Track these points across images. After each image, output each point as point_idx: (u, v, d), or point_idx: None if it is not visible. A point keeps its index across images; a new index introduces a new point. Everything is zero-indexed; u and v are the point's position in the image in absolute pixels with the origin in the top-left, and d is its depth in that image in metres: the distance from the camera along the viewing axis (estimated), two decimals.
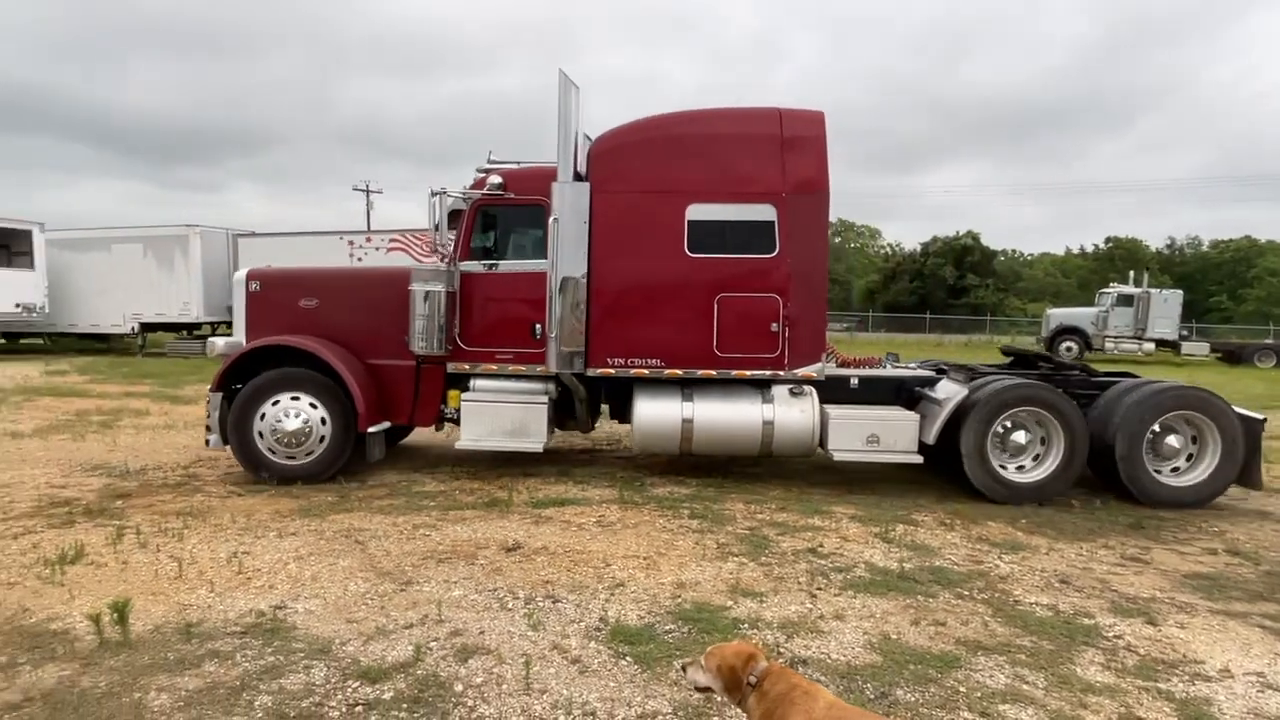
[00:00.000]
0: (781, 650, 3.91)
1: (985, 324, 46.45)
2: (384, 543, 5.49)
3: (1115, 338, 28.08)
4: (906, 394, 7.52)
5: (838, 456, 7.11)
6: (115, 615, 4.01)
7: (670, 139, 7.22)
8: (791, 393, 7.17)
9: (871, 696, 3.48)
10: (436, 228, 7.14)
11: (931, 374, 7.68)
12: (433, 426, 7.74)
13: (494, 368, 7.37)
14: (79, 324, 23.17)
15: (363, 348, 7.49)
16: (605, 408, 7.84)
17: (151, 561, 5.07)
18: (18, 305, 21.37)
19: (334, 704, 3.36)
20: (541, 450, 7.27)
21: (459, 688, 3.50)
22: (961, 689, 3.55)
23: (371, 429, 7.19)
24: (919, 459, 7.08)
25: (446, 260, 7.32)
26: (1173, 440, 6.88)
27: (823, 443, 7.17)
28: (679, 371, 7.17)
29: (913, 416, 7.16)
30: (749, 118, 7.27)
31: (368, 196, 47.44)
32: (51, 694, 3.42)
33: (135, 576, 4.81)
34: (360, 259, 20.09)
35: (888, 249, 76.42)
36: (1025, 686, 3.59)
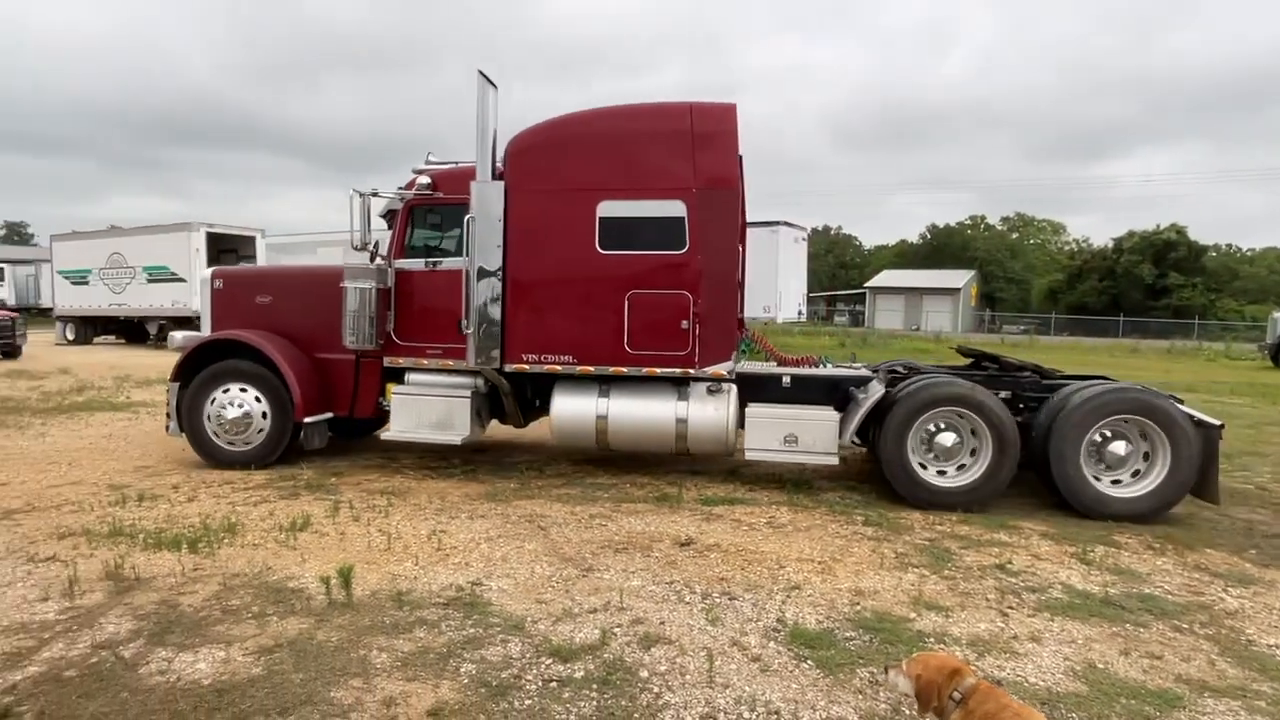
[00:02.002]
0: (973, 669, 3.72)
1: (1192, 328, 41.42)
2: (564, 530, 5.78)
3: None
4: (841, 394, 7.15)
5: (751, 455, 6.93)
6: (341, 579, 4.52)
7: (581, 136, 7.18)
8: (709, 390, 7.02)
9: None
10: (361, 227, 7.36)
11: (867, 374, 7.29)
12: (372, 417, 7.96)
13: (425, 362, 7.54)
14: None
15: (310, 342, 7.85)
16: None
17: (364, 534, 5.65)
18: None
19: (530, 677, 3.60)
20: (460, 443, 7.39)
21: (644, 674, 3.64)
22: None
23: (309, 419, 7.55)
24: (835, 461, 6.86)
25: (374, 258, 7.57)
26: (1118, 447, 6.28)
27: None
28: (591, 368, 7.12)
29: (832, 416, 6.88)
30: (659, 113, 7.13)
31: None
32: (294, 643, 3.91)
33: (352, 546, 5.38)
34: None
35: (1073, 245, 70.15)
36: None
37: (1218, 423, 6.25)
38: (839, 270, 76.73)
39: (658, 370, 7.03)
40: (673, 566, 5.04)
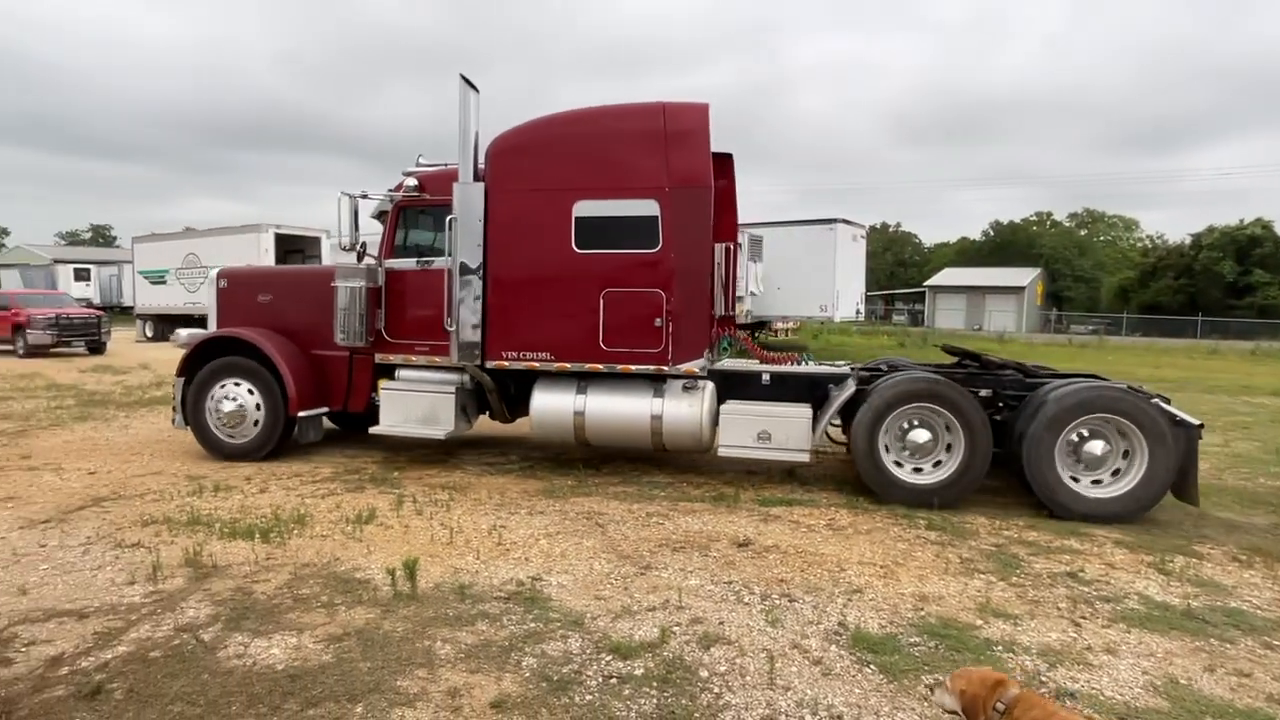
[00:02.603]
0: (1043, 679, 3.61)
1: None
2: (621, 527, 5.81)
3: None
4: (821, 392, 7.09)
5: (724, 452, 6.95)
6: (406, 571, 4.63)
7: (558, 138, 7.24)
8: (685, 388, 7.08)
9: None
10: (349, 228, 7.56)
11: (845, 371, 7.24)
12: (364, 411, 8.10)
13: (414, 359, 7.71)
14: None
15: (307, 339, 8.04)
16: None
17: (427, 527, 5.77)
18: None
19: (591, 673, 3.63)
20: (443, 437, 7.53)
21: (704, 674, 3.63)
22: None
23: (302, 413, 7.74)
24: (807, 458, 6.84)
25: (361, 257, 7.76)
26: (1095, 446, 6.13)
27: None
28: (568, 365, 7.22)
29: (805, 413, 6.85)
30: (633, 114, 7.15)
31: None
32: (362, 631, 4.02)
33: (415, 539, 5.51)
34: None
35: (1146, 241, 67.19)
36: None
37: (1197, 422, 6.08)
38: (897, 268, 75.12)
39: (632, 367, 7.10)
40: (731, 566, 5.01)
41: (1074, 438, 6.18)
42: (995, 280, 53.61)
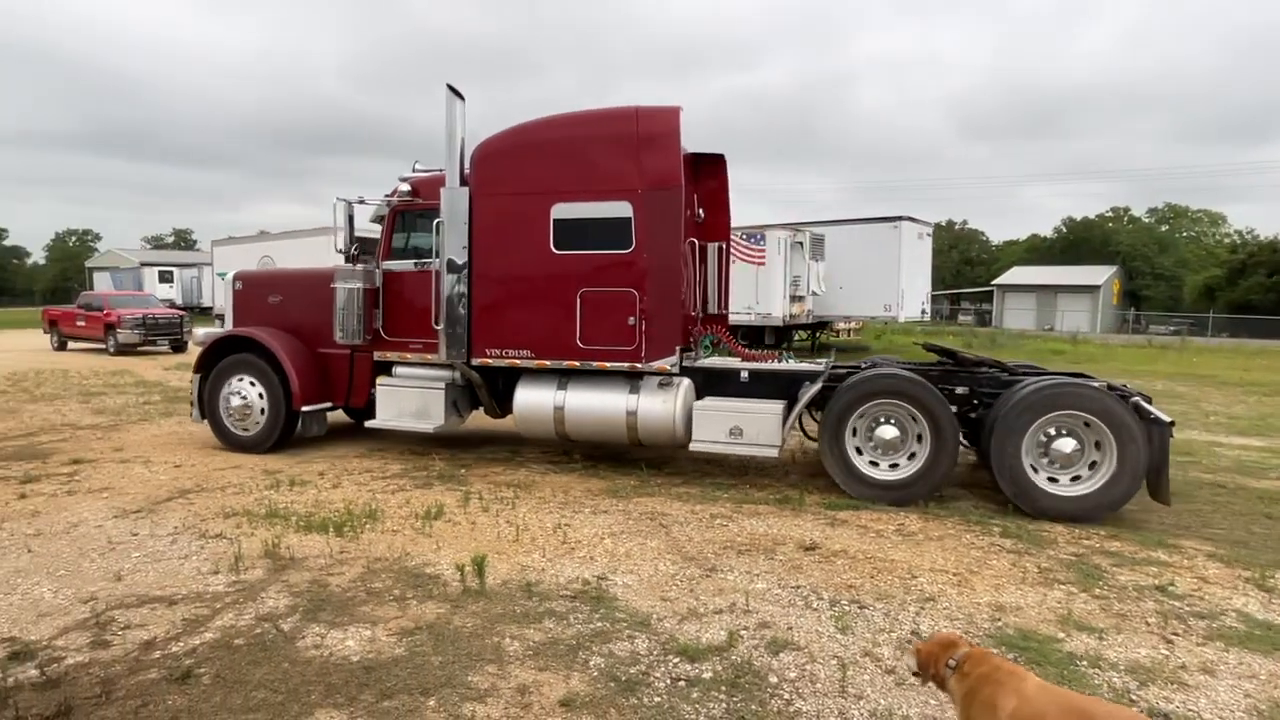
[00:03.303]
0: (1133, 698, 3.44)
1: None
2: (685, 528, 5.78)
3: None
4: (796, 388, 7.11)
5: (695, 447, 7.04)
6: (475, 567, 4.70)
7: (537, 142, 7.44)
8: (660, 384, 7.24)
9: None
10: (344, 232, 8.01)
11: (819, 369, 7.23)
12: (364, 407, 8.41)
13: (409, 357, 8.05)
14: None
15: (312, 338, 8.41)
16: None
17: (493, 524, 5.85)
18: None
19: (658, 675, 3.61)
20: (432, 431, 7.86)
21: (773, 679, 3.57)
22: None
23: (305, 408, 8.15)
24: (775, 453, 6.87)
25: (354, 260, 8.08)
26: (1064, 444, 6.08)
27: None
28: (547, 362, 7.44)
29: (775, 409, 6.91)
30: (608, 118, 7.31)
31: None
32: (433, 626, 4.10)
33: (482, 535, 5.59)
34: None
35: (1235, 237, 63.65)
36: None
37: (1169, 419, 5.98)
38: (963, 267, 72.97)
39: (607, 365, 7.27)
40: (798, 571, 4.93)
41: (1043, 435, 6.15)
42: (1068, 279, 51.60)
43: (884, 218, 20.84)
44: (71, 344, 22.56)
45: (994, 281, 56.33)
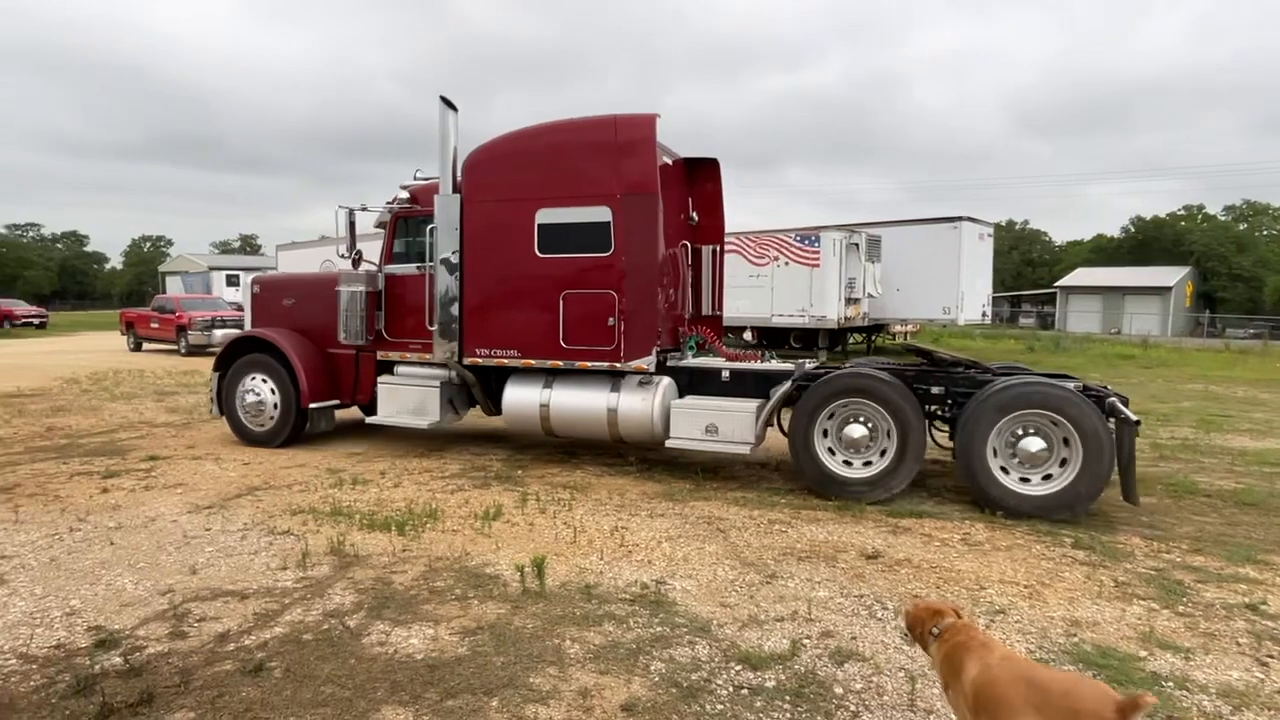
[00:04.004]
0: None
1: None
2: (743, 533, 5.71)
3: None
4: (774, 388, 7.21)
5: (671, 444, 7.25)
6: (534, 569, 4.72)
7: (523, 150, 7.71)
8: (640, 383, 7.47)
9: None
10: (348, 238, 8.43)
11: (793, 369, 7.32)
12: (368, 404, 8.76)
13: (408, 356, 8.42)
14: None
15: (322, 338, 8.81)
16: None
17: (551, 525, 5.88)
18: None
19: (720, 682, 3.57)
20: (426, 427, 8.24)
21: (839, 691, 3.49)
22: None
23: (313, 405, 8.56)
24: (747, 450, 7.04)
25: (356, 264, 8.48)
26: (1030, 443, 6.10)
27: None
28: (532, 361, 7.71)
29: (749, 407, 7.08)
30: (588, 126, 7.51)
31: None
32: (494, 626, 4.13)
33: (540, 537, 5.62)
34: None
35: None
36: None
37: (1135, 418, 5.99)
38: (1024, 268, 70.87)
39: (589, 364, 7.50)
40: (860, 579, 4.82)
41: (1011, 434, 6.18)
42: (1136, 280, 49.65)
43: (944, 218, 20.34)
44: (146, 345, 23.57)
45: (1057, 283, 54.56)
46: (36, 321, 37.38)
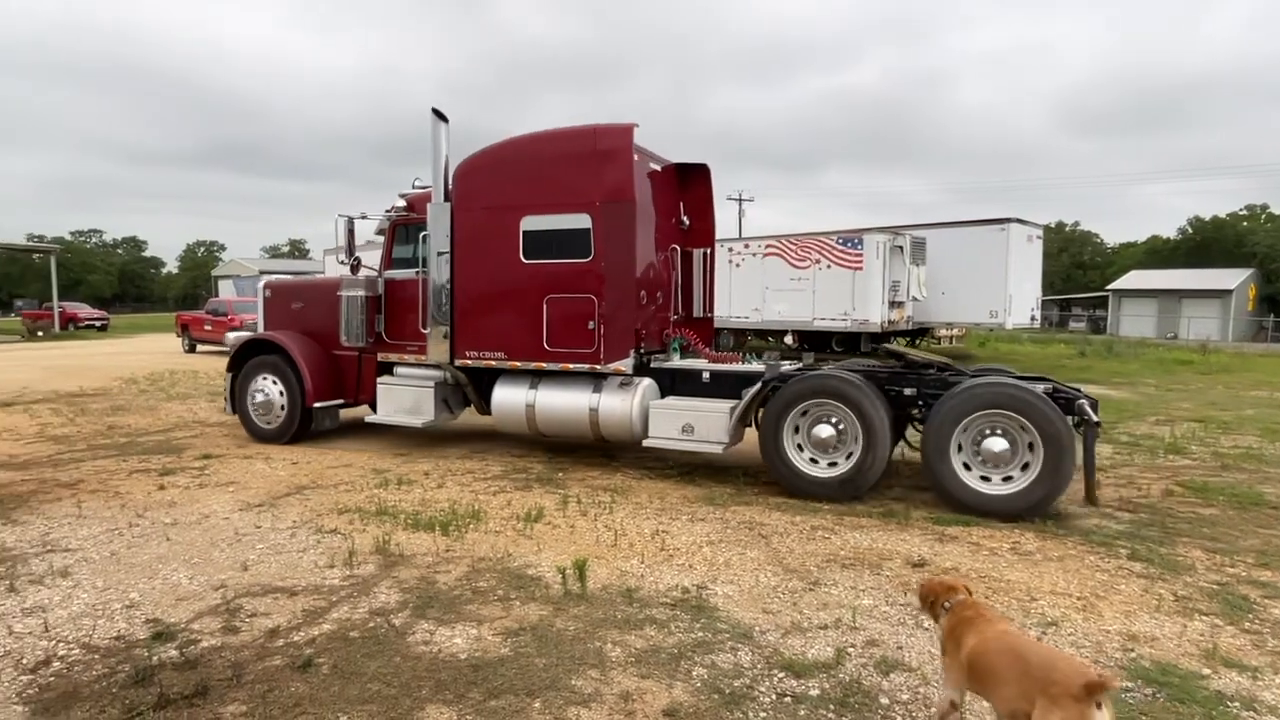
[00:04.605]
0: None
1: None
2: (785, 540, 5.65)
3: None
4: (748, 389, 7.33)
5: (649, 443, 7.45)
6: (576, 571, 4.74)
7: (508, 160, 7.98)
8: (620, 384, 7.71)
9: None
10: (346, 246, 8.74)
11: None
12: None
13: (406, 358, 8.77)
14: None
15: (327, 340, 9.20)
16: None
17: (592, 528, 5.89)
18: None
19: (763, 689, 3.53)
20: (421, 425, 8.65)
21: (884, 701, 3.43)
22: None
23: (318, 404, 8.97)
24: (719, 450, 7.24)
25: (355, 270, 8.76)
26: (994, 443, 6.19)
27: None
28: (518, 363, 7.99)
29: (723, 408, 7.23)
30: (569, 136, 7.77)
31: (740, 205, 49.94)
32: (536, 628, 4.15)
33: (582, 539, 5.63)
34: (738, 265, 21.16)
35: None
36: None
37: (1095, 419, 6.13)
38: (1074, 271, 69.00)
39: (570, 366, 7.79)
40: (906, 588, 4.72)
41: (979, 433, 6.27)
42: (1194, 283, 47.92)
43: (991, 220, 19.89)
44: (200, 346, 24.30)
45: (1109, 286, 52.97)
46: (98, 324, 38.87)
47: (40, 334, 34.29)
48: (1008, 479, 6.20)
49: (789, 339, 21.43)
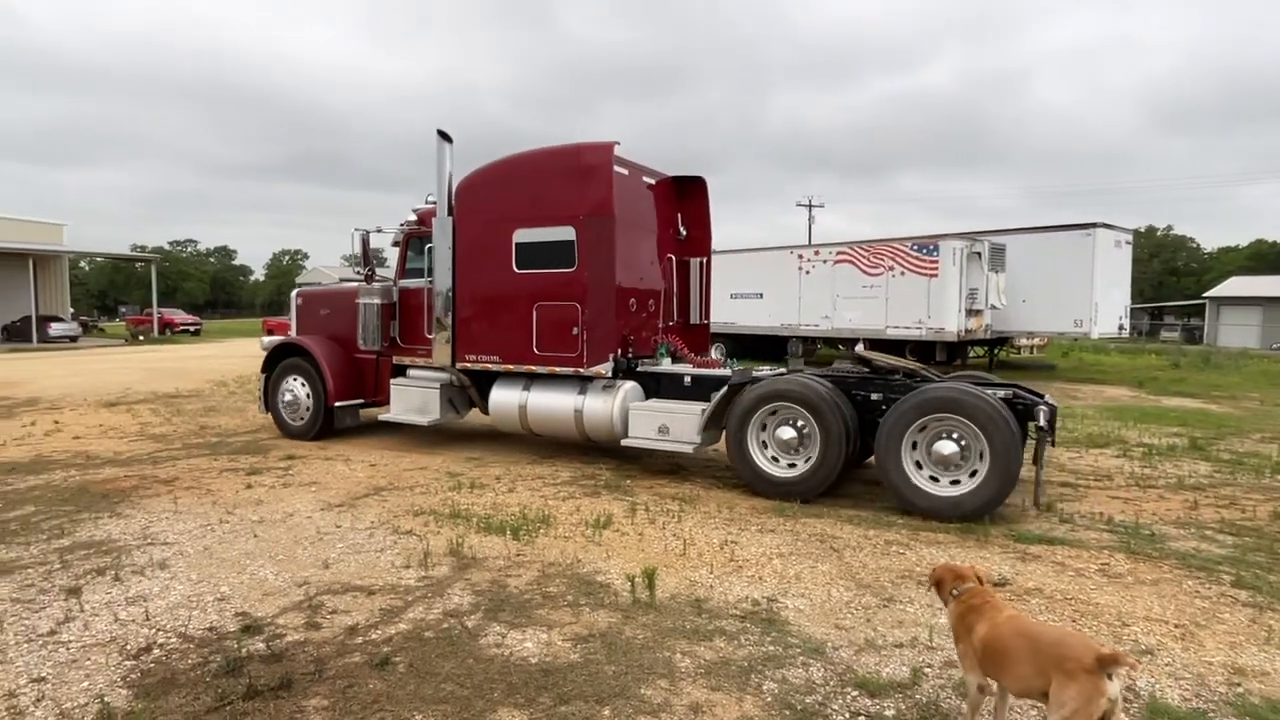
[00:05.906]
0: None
1: None
2: (858, 554, 5.52)
3: None
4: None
5: (627, 442, 7.88)
6: (645, 579, 4.74)
7: (504, 176, 8.49)
8: (604, 387, 8.16)
9: None
10: (362, 257, 9.55)
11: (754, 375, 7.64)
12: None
13: (417, 361, 9.41)
14: None
15: (350, 345, 9.88)
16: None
17: (660, 536, 5.88)
18: None
19: (836, 707, 3.45)
20: (426, 424, 9.20)
21: None
22: None
23: (338, 404, 9.67)
24: (690, 449, 7.64)
25: (370, 279, 9.47)
26: (944, 446, 6.38)
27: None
28: (511, 366, 8.54)
29: (695, 410, 7.63)
30: (556, 154, 8.23)
31: (810, 211, 49.29)
32: (605, 635, 4.16)
33: (650, 547, 5.63)
34: (808, 272, 20.87)
35: None
36: None
37: (1043, 424, 6.31)
38: (1167, 278, 65.50)
39: (557, 369, 8.26)
40: None
41: (934, 436, 6.43)
42: None
43: (1076, 225, 19.06)
44: None
45: (1206, 294, 50.00)
46: (193, 329, 41.19)
47: (141, 338, 36.52)
48: (955, 482, 6.39)
49: (859, 347, 20.99)
